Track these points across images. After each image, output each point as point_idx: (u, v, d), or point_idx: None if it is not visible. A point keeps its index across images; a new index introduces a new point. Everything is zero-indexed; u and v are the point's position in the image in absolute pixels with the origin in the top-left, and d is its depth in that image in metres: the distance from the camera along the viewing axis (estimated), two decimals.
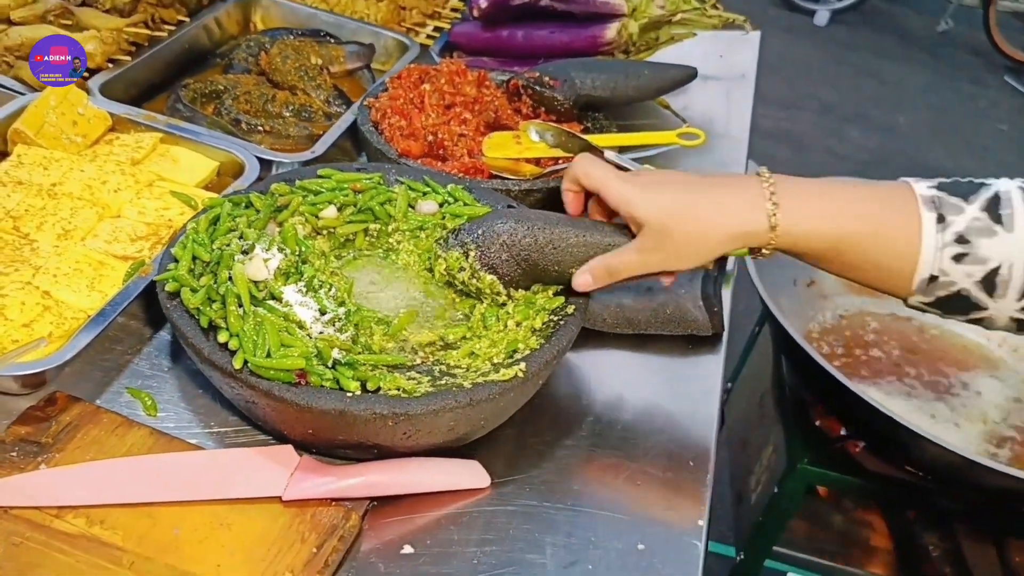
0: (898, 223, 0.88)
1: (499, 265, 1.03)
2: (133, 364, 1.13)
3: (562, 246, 1.00)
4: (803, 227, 0.90)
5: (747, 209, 0.90)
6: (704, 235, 0.92)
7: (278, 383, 0.92)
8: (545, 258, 1.01)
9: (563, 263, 1.00)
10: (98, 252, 1.20)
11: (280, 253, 1.05)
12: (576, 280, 1.00)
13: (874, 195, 0.91)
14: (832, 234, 0.90)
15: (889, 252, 0.88)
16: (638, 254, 0.94)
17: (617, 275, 0.97)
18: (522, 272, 1.03)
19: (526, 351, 1.00)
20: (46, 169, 1.32)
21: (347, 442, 0.96)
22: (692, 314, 1.21)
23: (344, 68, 1.81)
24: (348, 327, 1.00)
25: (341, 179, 1.21)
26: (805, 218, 0.90)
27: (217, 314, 0.98)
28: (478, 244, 1.04)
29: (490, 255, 1.03)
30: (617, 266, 0.97)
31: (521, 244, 1.01)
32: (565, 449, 1.08)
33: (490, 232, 1.03)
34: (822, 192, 0.92)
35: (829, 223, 0.90)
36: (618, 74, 1.56)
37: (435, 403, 0.91)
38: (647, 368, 1.22)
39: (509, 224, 1.02)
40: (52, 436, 0.99)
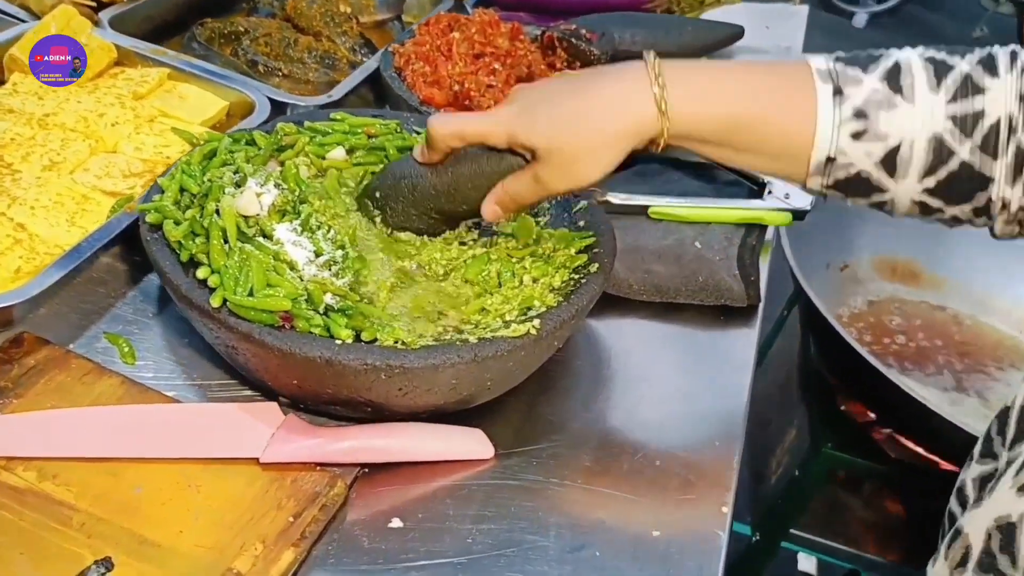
0: (794, 100, 0.78)
1: (410, 221, 0.96)
2: (115, 308, 1.02)
3: (463, 184, 0.90)
4: (694, 108, 0.79)
5: (634, 99, 0.79)
6: (596, 143, 0.81)
7: (259, 325, 0.81)
8: (452, 202, 0.92)
9: (470, 200, 0.90)
10: (84, 186, 1.10)
11: (276, 189, 0.94)
12: (484, 212, 0.89)
13: (770, 72, 0.81)
14: (725, 114, 0.79)
15: (785, 132, 0.79)
16: (535, 176, 0.84)
17: (522, 199, 0.87)
18: (436, 220, 0.96)
19: (542, 308, 0.88)
20: (41, 99, 1.23)
21: (336, 397, 0.85)
22: (726, 283, 1.09)
23: (373, 18, 1.70)
24: (346, 273, 0.89)
25: (354, 123, 1.10)
26: (696, 98, 0.79)
27: (199, 248, 0.88)
28: (382, 208, 0.97)
29: (397, 214, 0.96)
30: (518, 190, 0.86)
31: (423, 195, 0.93)
32: (579, 423, 0.96)
33: (389, 191, 0.96)
34: (714, 73, 0.83)
35: (722, 103, 0.79)
36: (659, 29, 1.44)
37: (435, 357, 0.80)
38: (675, 339, 1.09)
39: (406, 178, 0.94)
40: (12, 380, 0.89)
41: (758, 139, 0.80)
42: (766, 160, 0.82)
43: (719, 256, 1.09)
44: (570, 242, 0.97)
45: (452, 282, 0.95)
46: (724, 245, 1.10)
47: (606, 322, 1.08)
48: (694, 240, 1.10)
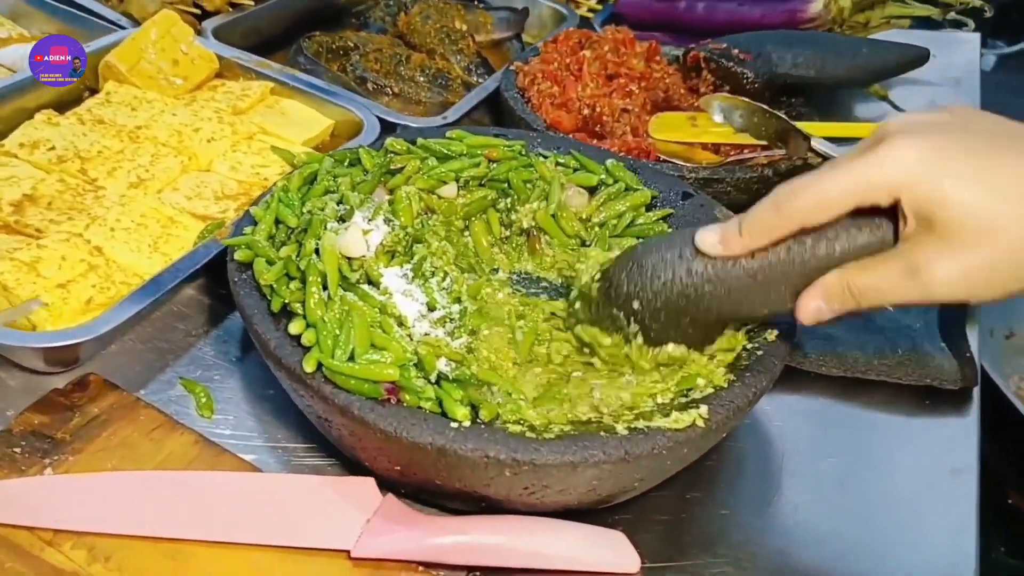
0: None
1: (682, 334, 0.71)
2: (195, 349, 0.89)
3: (773, 280, 0.64)
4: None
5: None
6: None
7: (360, 398, 0.66)
8: (753, 304, 0.67)
9: (777, 295, 0.65)
10: (172, 208, 0.97)
11: (386, 225, 0.80)
12: (801, 309, 0.64)
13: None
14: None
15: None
16: (918, 274, 0.58)
17: (873, 301, 0.61)
18: (707, 327, 0.72)
19: (707, 389, 0.71)
20: (134, 110, 1.12)
21: (445, 489, 0.69)
22: (933, 358, 0.89)
23: (491, 37, 1.56)
24: (461, 332, 0.73)
25: (474, 143, 0.95)
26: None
27: (294, 296, 0.73)
28: (642, 322, 0.71)
29: (664, 328, 0.71)
30: (875, 288, 0.60)
31: (711, 300, 0.67)
32: (747, 533, 0.78)
33: (652, 299, 0.69)
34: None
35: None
36: (827, 50, 1.25)
37: (574, 452, 0.63)
38: (867, 427, 0.90)
39: (682, 283, 0.67)
40: (71, 431, 0.76)
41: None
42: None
43: (919, 323, 0.90)
44: None
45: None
46: (921, 310, 0.91)
47: (775, 399, 0.89)
48: None
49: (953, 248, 0.56)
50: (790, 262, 0.63)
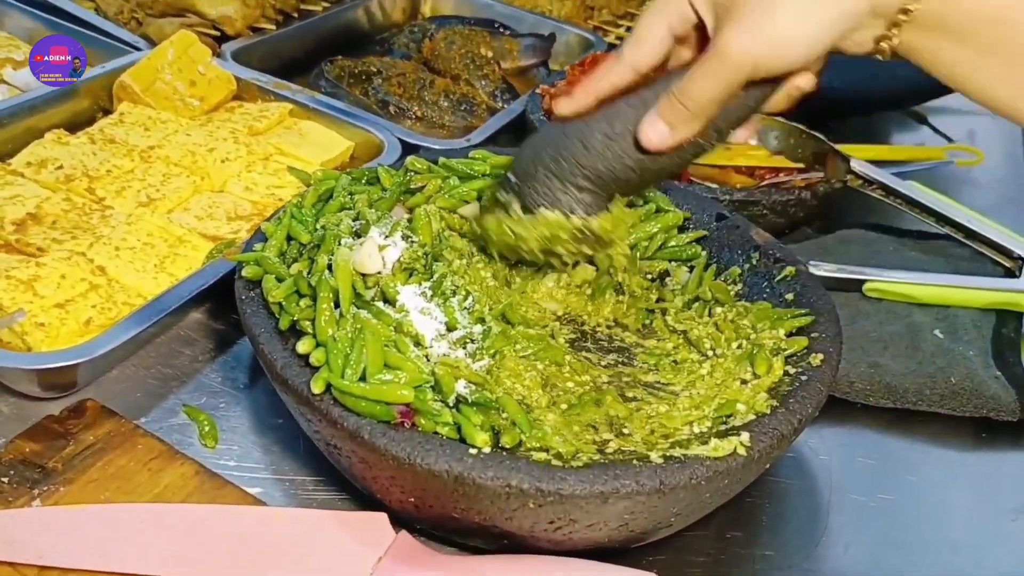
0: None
1: (554, 197, 0.71)
2: (201, 375, 0.85)
3: (621, 124, 0.66)
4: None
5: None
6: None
7: (371, 421, 0.61)
8: (609, 155, 0.68)
9: (631, 149, 0.67)
10: (181, 227, 0.93)
11: (404, 242, 0.75)
12: (646, 135, 0.65)
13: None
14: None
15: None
16: (715, 47, 0.60)
17: (698, 99, 0.62)
18: (587, 190, 0.70)
19: (748, 415, 0.65)
20: (147, 130, 1.08)
21: (463, 523, 0.63)
22: (989, 387, 0.83)
23: (517, 64, 1.52)
24: (483, 354, 0.68)
25: (497, 163, 0.90)
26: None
27: (304, 313, 0.68)
28: (519, 192, 0.72)
29: (538, 194, 0.71)
30: (693, 86, 0.62)
31: (571, 156, 0.68)
32: (790, 574, 0.71)
33: (527, 168, 0.72)
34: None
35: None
36: (865, 72, 1.20)
37: (605, 481, 0.57)
38: (918, 462, 0.83)
39: (548, 146, 0.71)
40: (64, 460, 0.71)
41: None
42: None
43: (972, 350, 0.84)
44: (778, 321, 0.74)
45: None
46: (974, 336, 0.85)
47: (821, 432, 0.83)
48: (932, 328, 0.86)
49: (733, 13, 0.59)
50: (633, 106, 0.66)
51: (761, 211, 1.00)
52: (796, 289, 0.78)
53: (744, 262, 0.83)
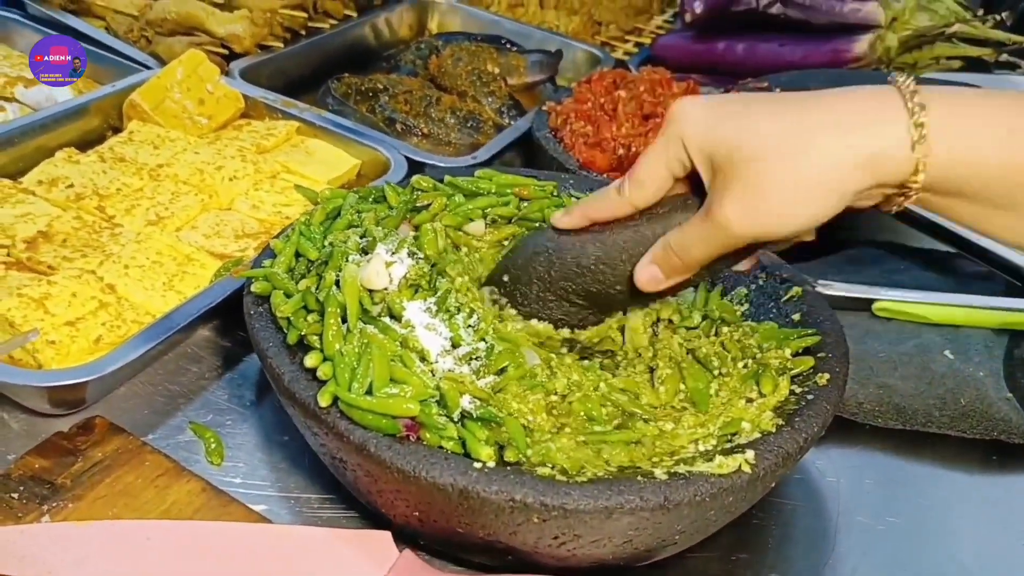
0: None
1: (546, 307, 0.74)
2: (207, 393, 0.85)
3: (615, 254, 0.69)
4: (964, 144, 0.57)
5: (876, 119, 0.57)
6: (810, 167, 0.57)
7: (377, 434, 0.61)
8: (601, 279, 0.70)
9: (624, 276, 0.69)
10: (189, 245, 0.94)
11: (410, 259, 0.75)
12: (639, 277, 0.68)
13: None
14: (1005, 157, 0.56)
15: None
16: (708, 213, 0.61)
17: (689, 254, 0.64)
18: (579, 307, 0.74)
19: (754, 433, 0.65)
20: (156, 148, 1.09)
21: (467, 538, 0.63)
22: (999, 409, 0.82)
23: (524, 80, 1.53)
24: (487, 371, 0.68)
25: (503, 182, 0.90)
26: (966, 130, 0.57)
27: (311, 328, 0.69)
28: (510, 293, 0.76)
29: (530, 300, 0.74)
30: (685, 240, 0.64)
31: (563, 272, 0.72)
32: None
33: (520, 272, 0.75)
34: (986, 100, 0.60)
35: (1000, 141, 0.56)
36: None
37: (609, 497, 0.58)
38: (927, 484, 0.83)
39: (541, 253, 0.73)
40: (72, 476, 0.72)
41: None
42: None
43: (983, 371, 0.83)
44: (784, 341, 0.74)
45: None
46: (985, 357, 0.84)
47: (829, 453, 0.83)
48: (942, 348, 0.85)
49: (734, 187, 0.59)
50: (626, 237, 0.68)
51: None
52: (803, 309, 0.78)
53: (751, 282, 0.83)
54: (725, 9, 1.42)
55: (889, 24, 1.35)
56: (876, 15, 1.35)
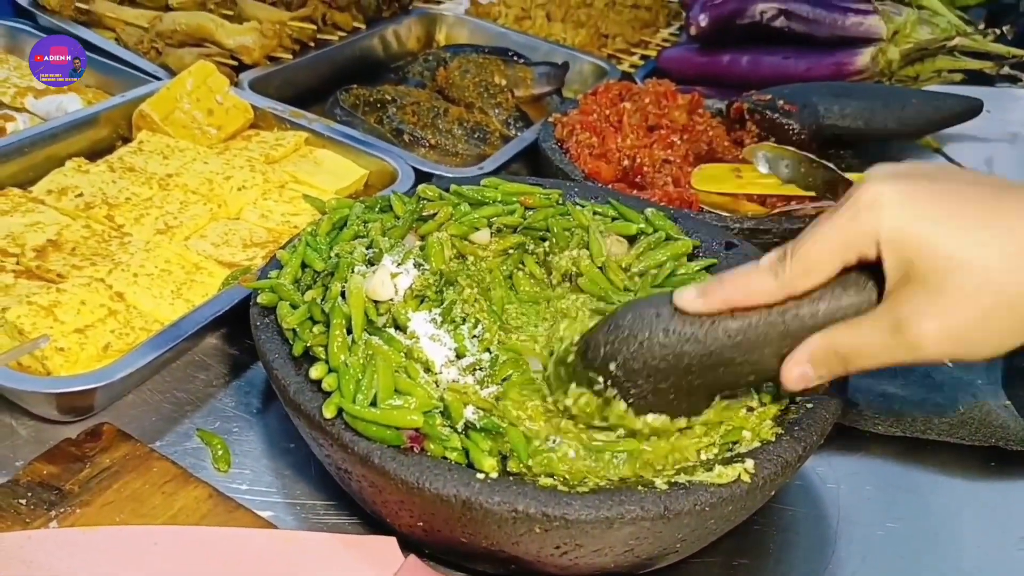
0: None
1: (666, 401, 0.64)
2: (215, 400, 0.86)
3: (757, 344, 0.59)
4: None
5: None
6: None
7: (381, 446, 0.62)
8: (734, 373, 0.61)
9: (761, 359, 0.60)
10: (198, 254, 0.95)
11: (416, 269, 0.76)
12: (789, 375, 0.59)
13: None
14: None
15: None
16: (902, 331, 0.54)
17: (859, 363, 0.57)
18: (691, 393, 0.64)
19: (754, 443, 0.65)
20: (166, 158, 1.10)
21: (471, 548, 0.64)
22: (998, 416, 0.83)
23: (531, 92, 1.54)
24: (491, 381, 0.69)
25: (509, 190, 0.91)
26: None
27: (317, 339, 0.70)
28: (621, 385, 0.63)
29: (646, 392, 0.63)
30: (859, 348, 0.56)
31: (694, 364, 0.61)
32: None
33: (631, 360, 0.62)
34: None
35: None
36: (875, 101, 1.21)
37: (610, 507, 0.58)
38: (927, 491, 0.83)
39: (666, 346, 0.61)
40: (80, 483, 0.73)
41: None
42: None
43: (982, 380, 0.84)
44: None
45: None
46: (984, 366, 0.85)
47: (830, 460, 0.83)
48: None
49: (937, 301, 0.52)
50: (773, 324, 0.59)
51: (772, 239, 1.01)
52: None
53: None
54: (730, 22, 1.43)
55: (891, 37, 1.36)
56: (878, 28, 1.36)
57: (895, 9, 1.38)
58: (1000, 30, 1.42)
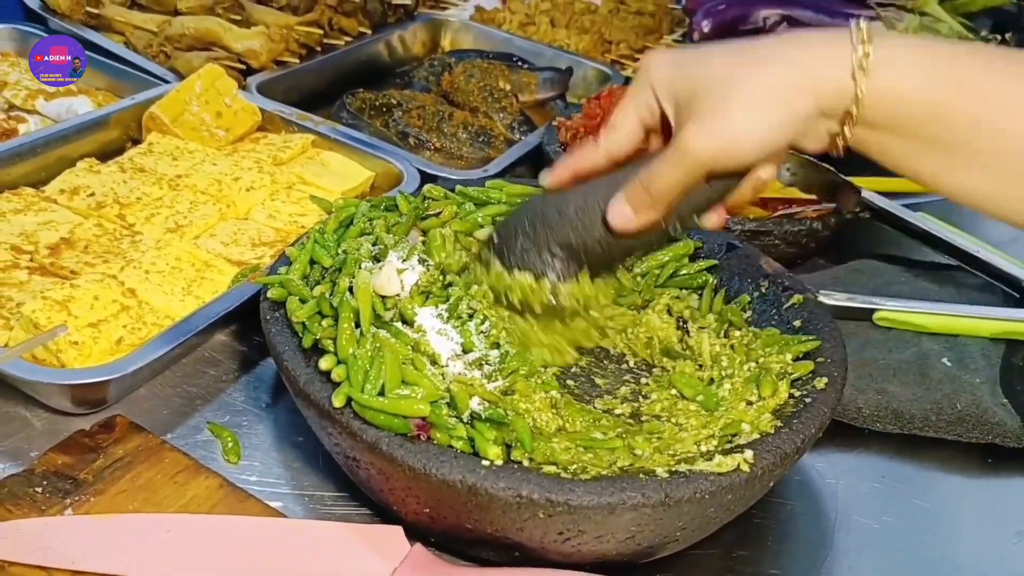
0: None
1: (529, 260, 0.74)
2: (224, 395, 0.87)
3: (592, 204, 0.70)
4: (907, 77, 0.58)
5: (823, 55, 0.60)
6: (758, 90, 0.60)
7: (389, 434, 0.64)
8: (580, 228, 0.71)
9: (600, 225, 0.70)
10: (207, 252, 0.96)
11: (421, 266, 0.77)
12: (611, 214, 0.69)
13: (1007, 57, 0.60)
14: (950, 96, 0.58)
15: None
16: (673, 142, 0.64)
17: (655, 185, 0.66)
18: (559, 258, 0.73)
19: (753, 435, 0.67)
20: (175, 160, 1.12)
21: (476, 534, 0.65)
22: (994, 414, 0.84)
23: (535, 97, 1.55)
24: (498, 376, 0.70)
25: (513, 191, 0.93)
26: (911, 65, 0.59)
27: (325, 332, 0.71)
28: (499, 252, 0.76)
29: (515, 255, 0.74)
30: (652, 172, 0.66)
31: (546, 225, 0.72)
32: None
33: (507, 232, 0.76)
34: (940, 45, 0.64)
35: (946, 79, 0.58)
36: None
37: (612, 493, 0.60)
38: (924, 486, 0.85)
39: (527, 212, 0.75)
40: (94, 473, 0.74)
41: (986, 137, 0.58)
42: (979, 174, 0.59)
43: (979, 378, 0.85)
44: (785, 346, 0.76)
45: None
46: (982, 364, 0.86)
47: (829, 456, 0.85)
48: (940, 356, 0.87)
49: (692, 114, 0.62)
50: (602, 182, 0.70)
51: (773, 241, 1.02)
52: (804, 316, 0.80)
53: (753, 290, 0.85)
54: (732, 28, 1.45)
55: None
56: None
57: (897, 15, 1.39)
58: (1000, 36, 1.43)
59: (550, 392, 0.71)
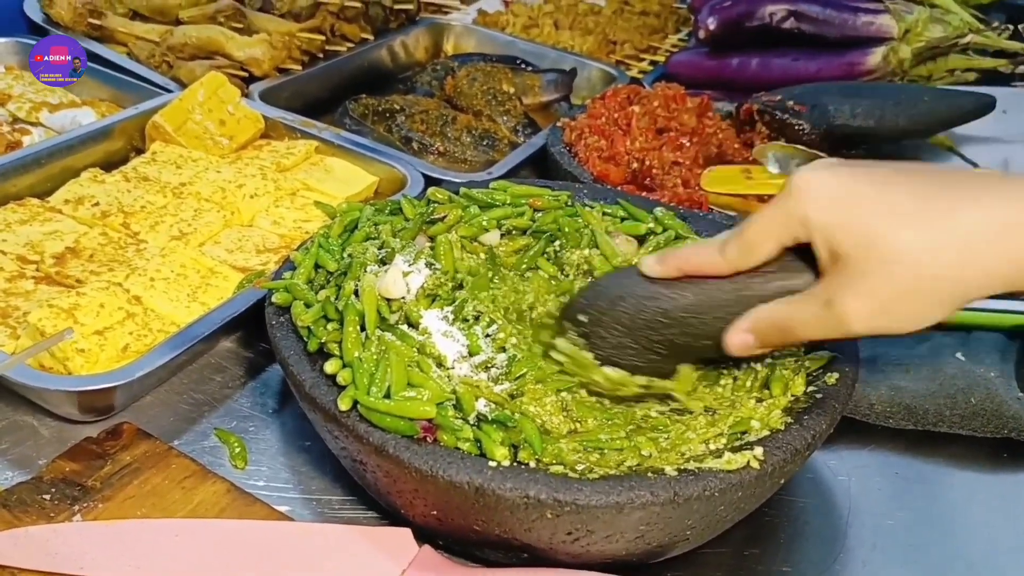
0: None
1: (624, 355, 0.70)
2: (231, 401, 0.87)
3: (708, 309, 0.65)
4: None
5: (1017, 220, 0.55)
6: (959, 268, 0.55)
7: (395, 436, 0.63)
8: (690, 333, 0.67)
9: (716, 332, 0.66)
10: (212, 259, 0.96)
11: (427, 269, 0.77)
12: (731, 341, 0.65)
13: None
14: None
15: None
16: (831, 308, 0.59)
17: (794, 335, 0.62)
18: (661, 357, 0.70)
19: (763, 431, 0.66)
20: (179, 168, 1.12)
21: (484, 536, 0.65)
22: (1010, 408, 0.83)
23: (539, 99, 1.55)
24: (505, 379, 0.70)
25: (517, 193, 0.92)
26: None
27: (331, 336, 0.71)
28: (587, 335, 0.71)
29: (608, 345, 0.70)
30: (793, 322, 0.61)
31: (649, 322, 0.68)
32: None
33: (599, 315, 0.71)
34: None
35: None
36: (887, 100, 1.22)
37: (620, 492, 0.59)
38: (938, 483, 0.84)
39: (626, 299, 0.69)
40: (102, 479, 0.74)
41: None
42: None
43: (994, 372, 0.84)
44: None
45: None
46: (997, 359, 0.85)
47: (841, 453, 0.84)
48: (954, 350, 0.86)
49: (860, 281, 0.57)
50: (721, 291, 0.65)
51: None
52: None
53: None
54: (739, 25, 1.44)
55: (902, 36, 1.36)
56: (889, 28, 1.36)
57: (906, 7, 1.38)
58: (1013, 26, 1.42)
59: (561, 394, 0.71)
